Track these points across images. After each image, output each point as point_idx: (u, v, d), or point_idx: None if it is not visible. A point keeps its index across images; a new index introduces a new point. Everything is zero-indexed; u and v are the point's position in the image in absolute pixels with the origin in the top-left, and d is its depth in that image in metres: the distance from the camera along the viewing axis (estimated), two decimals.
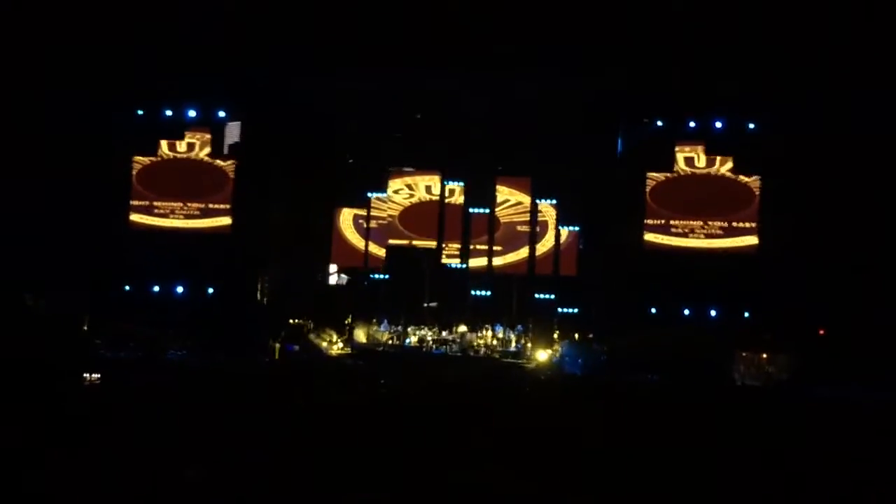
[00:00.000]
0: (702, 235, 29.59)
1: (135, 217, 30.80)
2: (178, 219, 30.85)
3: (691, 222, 29.66)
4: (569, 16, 26.03)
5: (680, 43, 25.96)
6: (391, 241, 32.46)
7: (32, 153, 28.44)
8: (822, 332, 27.38)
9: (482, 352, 30.41)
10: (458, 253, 32.41)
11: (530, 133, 30.82)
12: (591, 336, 29.61)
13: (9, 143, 27.82)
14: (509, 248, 32.24)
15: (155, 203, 30.88)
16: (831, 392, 23.33)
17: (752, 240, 29.26)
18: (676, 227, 29.75)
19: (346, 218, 32.93)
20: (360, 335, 31.17)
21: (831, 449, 11.59)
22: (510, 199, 32.16)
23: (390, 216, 32.58)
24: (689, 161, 29.62)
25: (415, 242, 32.45)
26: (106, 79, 28.67)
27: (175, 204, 30.86)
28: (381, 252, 32.45)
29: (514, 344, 30.66)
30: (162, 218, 30.88)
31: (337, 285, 32.96)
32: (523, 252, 32.14)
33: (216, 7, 26.61)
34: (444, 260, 32.29)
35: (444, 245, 32.43)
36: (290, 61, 28.22)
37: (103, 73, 28.41)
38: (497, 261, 32.19)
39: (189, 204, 30.84)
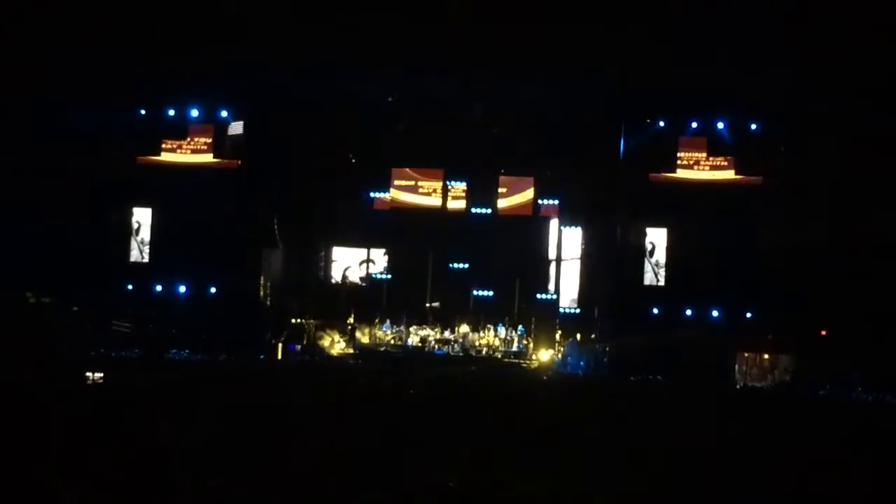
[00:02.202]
0: (706, 167, 29.36)
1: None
2: (185, 153, 30.50)
3: (696, 154, 29.43)
4: (571, 16, 26.01)
5: (683, 43, 25.94)
6: (396, 182, 32.36)
7: (35, 152, 28.47)
8: (823, 332, 27.37)
9: (484, 352, 30.40)
10: (463, 195, 32.38)
11: (533, 134, 30.81)
12: (593, 336, 29.59)
13: (11, 142, 27.84)
14: (514, 190, 32.21)
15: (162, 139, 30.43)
16: (833, 393, 23.37)
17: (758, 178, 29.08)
18: (682, 159, 29.52)
19: None
20: (363, 335, 31.14)
21: (833, 449, 11.59)
22: None
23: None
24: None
25: (420, 183, 32.39)
26: (109, 79, 28.64)
27: (182, 140, 30.46)
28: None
29: (516, 344, 30.63)
30: (169, 153, 30.44)
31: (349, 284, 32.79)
32: (528, 194, 32.05)
33: (220, 7, 26.60)
34: (450, 204, 32.24)
35: (449, 187, 32.45)
36: (293, 62, 28.19)
37: (106, 73, 28.39)
38: (502, 203, 32.16)
39: (196, 139, 30.57)
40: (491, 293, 32.06)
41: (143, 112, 30.12)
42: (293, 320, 30.22)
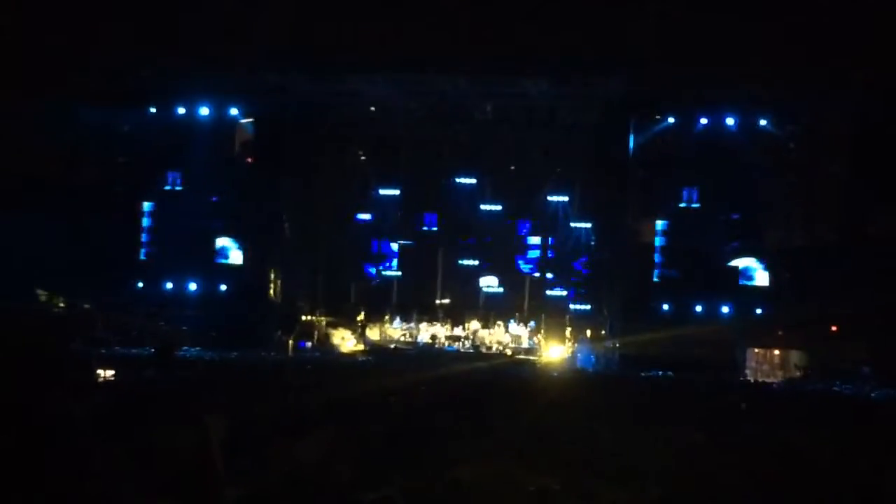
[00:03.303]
0: None
1: None
2: None
3: None
4: (582, 15, 26.04)
5: (692, 41, 25.93)
6: None
7: (44, 152, 28.58)
8: (834, 328, 27.32)
9: (494, 348, 30.40)
10: None
11: (542, 131, 30.82)
12: (603, 333, 29.54)
13: (22, 143, 27.94)
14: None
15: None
16: (844, 388, 23.33)
17: None
18: None
19: None
20: (373, 332, 31.18)
21: (844, 445, 11.59)
22: None
23: None
24: None
25: None
26: (119, 78, 28.69)
27: None
28: None
29: (526, 340, 30.65)
30: None
31: None
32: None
33: (231, 7, 26.65)
34: None
35: None
36: (304, 62, 28.24)
37: (116, 73, 28.45)
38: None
39: None
40: (501, 290, 32.13)
41: (153, 111, 29.94)
42: (303, 317, 30.25)
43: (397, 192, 32.69)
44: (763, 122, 28.43)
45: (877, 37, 24.77)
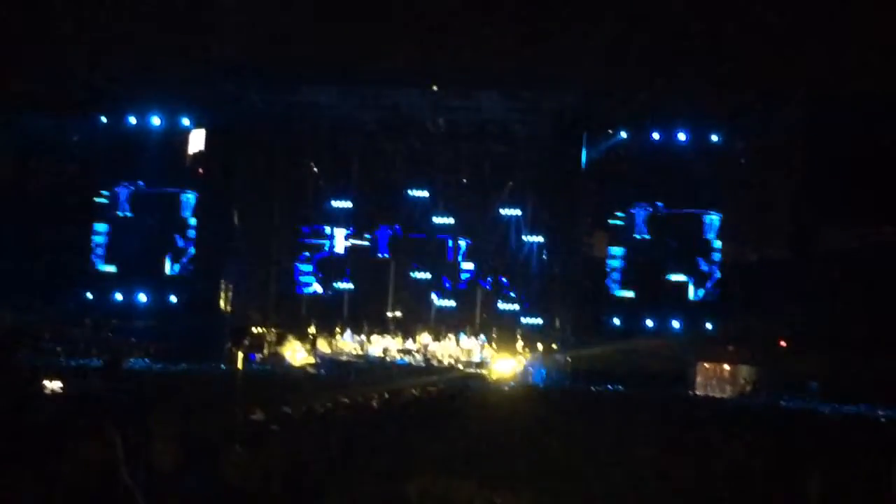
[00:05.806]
0: None
1: None
2: None
3: None
4: (534, 27, 26.13)
5: (646, 55, 26.06)
6: None
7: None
8: (782, 343, 27.55)
9: (446, 362, 30.36)
10: None
11: (495, 144, 30.94)
12: (554, 346, 29.62)
13: None
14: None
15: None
16: (792, 403, 23.51)
17: None
18: None
19: None
20: (324, 345, 31.04)
21: (795, 461, 11.65)
22: None
23: None
24: None
25: None
26: (70, 86, 28.42)
27: None
28: None
29: (477, 354, 30.63)
30: None
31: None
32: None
33: (186, 16, 26.49)
34: None
35: None
36: (257, 73, 28.14)
37: (67, 81, 28.18)
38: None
39: None
40: (453, 303, 32.14)
41: (104, 120, 29.66)
42: (253, 329, 30.06)
43: (349, 204, 32.59)
44: (714, 138, 28.66)
45: (829, 55, 25.02)
